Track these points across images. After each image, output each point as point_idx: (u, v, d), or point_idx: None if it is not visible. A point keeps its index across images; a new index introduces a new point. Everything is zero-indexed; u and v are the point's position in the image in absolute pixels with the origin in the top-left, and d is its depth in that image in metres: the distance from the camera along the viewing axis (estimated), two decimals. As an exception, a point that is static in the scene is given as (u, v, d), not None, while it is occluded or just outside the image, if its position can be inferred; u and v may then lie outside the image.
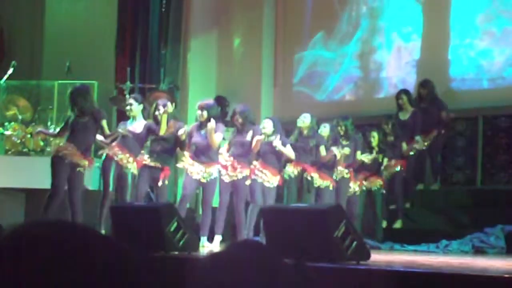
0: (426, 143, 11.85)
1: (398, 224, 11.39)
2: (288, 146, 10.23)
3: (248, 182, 9.90)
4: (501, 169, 11.88)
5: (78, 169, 9.18)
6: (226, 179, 9.87)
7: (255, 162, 10.05)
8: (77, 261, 1.19)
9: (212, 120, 9.57)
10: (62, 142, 9.50)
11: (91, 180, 11.24)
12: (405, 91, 12.16)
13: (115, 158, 9.48)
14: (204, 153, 9.75)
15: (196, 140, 9.78)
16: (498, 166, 11.93)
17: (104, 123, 9.40)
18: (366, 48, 13.73)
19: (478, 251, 9.85)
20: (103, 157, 9.55)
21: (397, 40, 13.35)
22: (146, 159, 9.72)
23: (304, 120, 10.59)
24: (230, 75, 14.66)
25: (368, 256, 6.37)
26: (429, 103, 12.03)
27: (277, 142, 9.87)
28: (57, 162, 9.16)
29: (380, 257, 7.58)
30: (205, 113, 9.75)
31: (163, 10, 15.20)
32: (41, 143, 12.63)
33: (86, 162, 9.27)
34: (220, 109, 11.90)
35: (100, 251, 1.23)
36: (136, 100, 9.93)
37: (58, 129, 10.11)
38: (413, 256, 8.84)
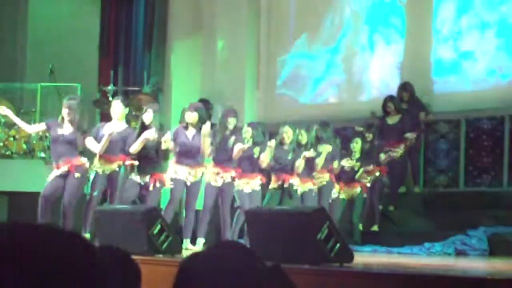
0: (402, 150, 11.99)
1: (374, 228, 11.49)
2: (263, 154, 10.21)
3: (235, 189, 9.95)
4: (484, 172, 11.94)
5: (74, 175, 9.22)
6: (213, 182, 9.88)
7: (233, 173, 10.08)
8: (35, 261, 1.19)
9: (208, 123, 9.57)
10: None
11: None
12: (391, 98, 12.23)
13: (100, 173, 9.49)
14: (189, 156, 9.71)
15: (182, 142, 9.73)
16: (481, 168, 11.98)
17: (87, 142, 9.37)
18: (349, 51, 13.75)
19: (461, 253, 9.89)
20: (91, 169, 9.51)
21: (380, 43, 13.38)
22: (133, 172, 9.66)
23: (288, 135, 10.48)
24: (214, 78, 14.66)
25: (351, 258, 6.39)
26: (410, 105, 12.21)
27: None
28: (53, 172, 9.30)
29: (363, 259, 7.60)
30: (195, 115, 9.73)
31: (147, 12, 15.19)
32: (24, 146, 12.59)
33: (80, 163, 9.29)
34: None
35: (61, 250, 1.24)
36: (122, 102, 9.89)
37: (33, 126, 10.15)
38: (396, 258, 8.87)
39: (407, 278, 5.46)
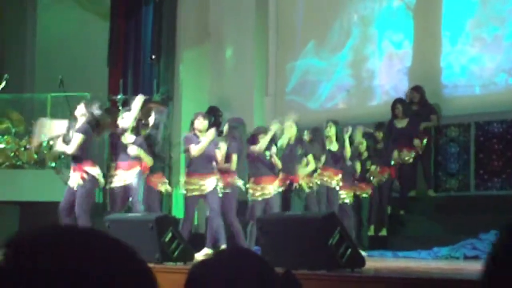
0: (413, 155, 12.00)
1: (383, 232, 11.48)
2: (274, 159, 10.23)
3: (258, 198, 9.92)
4: (494, 175, 11.91)
5: (78, 184, 9.14)
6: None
7: (249, 185, 10.03)
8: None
9: (213, 129, 9.61)
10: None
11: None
12: (400, 101, 12.27)
13: (119, 184, 9.46)
14: (201, 164, 9.69)
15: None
16: (491, 171, 11.96)
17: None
18: (358, 56, 13.75)
19: (470, 258, 9.87)
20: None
21: (389, 48, 13.38)
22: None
23: (290, 129, 10.54)
24: (223, 86, 14.68)
25: (363, 263, 6.39)
26: (421, 107, 12.23)
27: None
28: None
29: (374, 264, 7.59)
30: (206, 122, 9.76)
31: (155, 22, 15.23)
32: (35, 156, 12.62)
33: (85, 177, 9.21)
34: (214, 119, 11.92)
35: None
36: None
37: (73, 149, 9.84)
38: (406, 262, 8.86)
39: (419, 282, 5.46)
